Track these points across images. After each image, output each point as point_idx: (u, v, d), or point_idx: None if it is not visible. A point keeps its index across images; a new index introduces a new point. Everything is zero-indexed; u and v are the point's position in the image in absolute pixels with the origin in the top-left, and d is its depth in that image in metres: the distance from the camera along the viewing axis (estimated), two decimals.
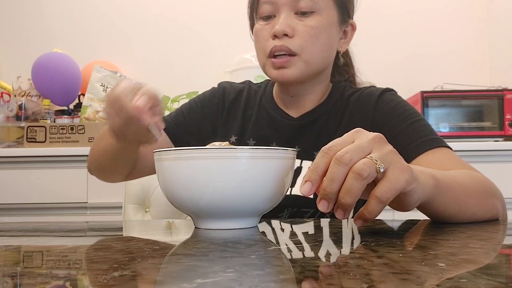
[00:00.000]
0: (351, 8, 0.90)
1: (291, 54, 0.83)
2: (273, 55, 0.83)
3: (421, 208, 0.59)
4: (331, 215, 0.84)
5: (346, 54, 0.98)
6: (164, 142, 0.91)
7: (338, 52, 0.91)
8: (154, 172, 0.92)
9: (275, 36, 0.83)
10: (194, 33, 2.40)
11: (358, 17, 0.92)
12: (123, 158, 0.84)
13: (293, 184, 0.85)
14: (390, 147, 0.51)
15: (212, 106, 0.96)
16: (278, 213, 0.85)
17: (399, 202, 0.52)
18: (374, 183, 0.49)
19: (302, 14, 0.83)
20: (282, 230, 0.61)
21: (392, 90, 0.92)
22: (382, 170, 0.48)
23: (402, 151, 0.59)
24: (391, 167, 0.48)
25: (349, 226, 0.64)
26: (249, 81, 1.02)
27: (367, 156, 0.48)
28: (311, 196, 0.53)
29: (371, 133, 0.52)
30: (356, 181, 0.46)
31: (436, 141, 0.80)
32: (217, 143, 0.61)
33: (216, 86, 1.01)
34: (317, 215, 0.84)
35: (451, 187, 0.61)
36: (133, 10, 2.44)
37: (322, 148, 0.50)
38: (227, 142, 0.62)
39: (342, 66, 0.98)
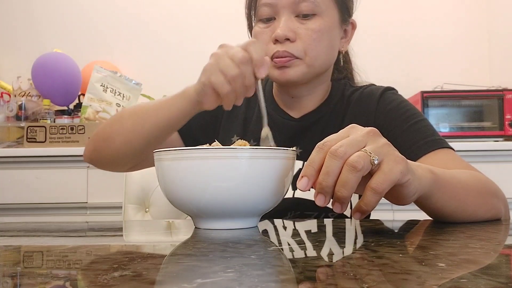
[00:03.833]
0: (351, 7, 0.89)
1: (294, 57, 0.81)
2: (274, 58, 0.82)
3: (420, 203, 0.59)
4: (334, 216, 0.84)
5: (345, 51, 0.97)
6: (173, 136, 0.90)
7: (339, 52, 0.91)
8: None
9: (276, 41, 0.81)
10: (194, 33, 2.40)
11: (358, 17, 0.92)
12: (166, 130, 0.78)
13: (295, 187, 0.84)
14: (384, 140, 0.51)
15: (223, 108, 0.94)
16: (282, 216, 0.85)
17: (396, 195, 0.52)
18: (370, 177, 0.49)
19: (304, 17, 0.82)
20: (284, 228, 0.61)
21: (392, 89, 0.92)
22: (376, 162, 0.48)
23: (405, 153, 0.59)
24: (385, 159, 0.49)
25: (350, 226, 0.64)
26: None
27: (361, 149, 0.49)
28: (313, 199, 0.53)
29: (365, 128, 0.52)
30: (351, 173, 0.47)
31: (438, 142, 0.79)
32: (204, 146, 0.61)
33: None
34: (321, 218, 0.84)
35: (450, 184, 0.61)
36: (133, 10, 2.44)
37: (317, 144, 0.51)
38: (216, 142, 0.62)
39: (342, 63, 0.97)
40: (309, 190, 0.51)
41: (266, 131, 0.72)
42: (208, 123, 0.93)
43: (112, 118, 0.85)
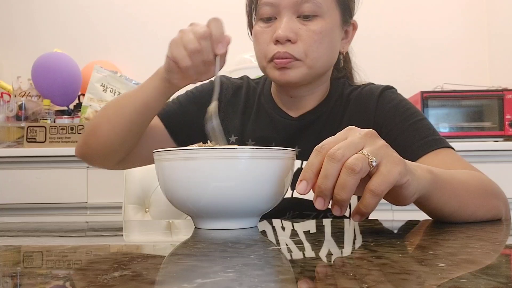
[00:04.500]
0: (353, 8, 0.89)
1: (295, 59, 0.81)
2: (274, 58, 0.82)
3: (419, 203, 0.59)
4: (333, 216, 0.84)
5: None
6: (161, 134, 0.90)
7: (340, 53, 0.90)
8: (147, 163, 0.92)
9: (277, 41, 0.81)
10: None
11: (358, 17, 0.92)
12: (143, 115, 0.81)
13: (294, 187, 0.84)
14: (382, 141, 0.51)
15: (208, 100, 0.94)
16: (280, 216, 0.84)
17: (395, 196, 0.52)
18: (369, 179, 0.49)
19: (305, 17, 0.81)
20: (283, 229, 0.61)
21: (392, 87, 0.91)
22: (374, 164, 0.48)
23: (405, 152, 0.58)
24: (383, 160, 0.49)
25: (349, 226, 0.64)
26: (247, 77, 1.00)
27: (359, 152, 0.49)
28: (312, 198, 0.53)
29: (363, 129, 0.52)
30: (349, 176, 0.47)
31: (438, 142, 0.79)
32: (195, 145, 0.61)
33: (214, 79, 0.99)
34: (319, 218, 0.84)
35: (450, 184, 0.61)
36: (133, 10, 2.44)
37: (316, 147, 0.51)
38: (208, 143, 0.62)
39: (342, 64, 0.97)
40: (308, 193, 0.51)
41: (213, 106, 0.73)
42: (199, 125, 0.92)
43: (98, 113, 0.88)
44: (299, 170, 0.85)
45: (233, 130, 0.92)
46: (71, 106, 2.19)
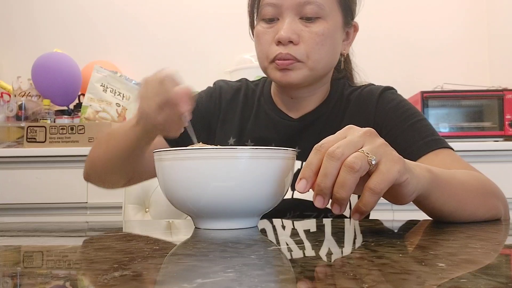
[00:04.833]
0: (354, 9, 0.89)
1: (297, 60, 0.81)
2: (276, 59, 0.82)
3: (419, 203, 0.59)
4: (333, 216, 0.84)
5: None
6: (161, 145, 0.90)
7: (341, 54, 0.90)
8: (153, 177, 0.92)
9: (279, 42, 0.81)
10: (194, 33, 2.40)
11: (358, 18, 0.92)
12: (133, 155, 0.81)
13: (294, 188, 0.84)
14: (381, 140, 0.51)
15: (209, 106, 0.94)
16: (281, 216, 0.84)
17: (394, 195, 0.52)
18: (368, 177, 0.49)
19: (307, 19, 0.81)
20: (283, 228, 0.61)
21: (392, 88, 0.92)
22: (374, 162, 0.48)
23: (404, 152, 0.58)
24: (383, 159, 0.49)
25: (349, 226, 0.64)
26: (246, 79, 1.00)
27: (359, 150, 0.49)
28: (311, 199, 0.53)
29: (363, 128, 0.52)
30: (349, 174, 0.47)
31: (438, 142, 0.79)
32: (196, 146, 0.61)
33: (211, 85, 0.99)
34: (320, 218, 0.84)
35: (449, 183, 0.61)
36: (133, 10, 2.44)
37: (315, 146, 0.51)
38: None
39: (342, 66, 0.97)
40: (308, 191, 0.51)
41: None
42: (202, 127, 0.93)
43: (95, 143, 0.90)
44: (299, 171, 0.85)
45: (232, 132, 0.92)
46: (71, 106, 2.19)
